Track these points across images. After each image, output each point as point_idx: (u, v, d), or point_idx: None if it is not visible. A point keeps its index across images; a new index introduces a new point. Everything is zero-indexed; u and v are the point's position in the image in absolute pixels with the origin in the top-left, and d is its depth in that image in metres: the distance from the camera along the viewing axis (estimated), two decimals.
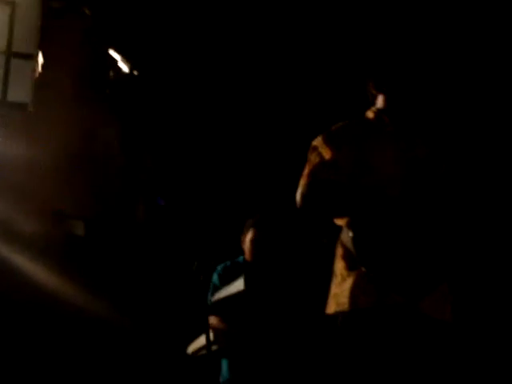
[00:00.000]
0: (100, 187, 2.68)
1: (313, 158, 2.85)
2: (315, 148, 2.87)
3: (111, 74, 2.29)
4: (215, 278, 4.58)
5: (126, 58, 2.21)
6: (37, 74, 2.82)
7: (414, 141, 2.93)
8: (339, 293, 2.75)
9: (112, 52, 2.21)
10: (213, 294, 4.41)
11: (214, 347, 4.08)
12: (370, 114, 3.00)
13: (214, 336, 4.12)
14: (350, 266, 2.73)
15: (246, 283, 4.05)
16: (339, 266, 2.80)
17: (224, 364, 4.43)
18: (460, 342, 2.92)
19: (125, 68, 2.16)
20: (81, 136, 2.73)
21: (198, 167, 5.38)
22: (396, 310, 2.64)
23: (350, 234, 2.68)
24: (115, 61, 2.20)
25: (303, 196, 2.77)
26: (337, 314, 2.76)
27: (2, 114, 2.53)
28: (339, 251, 2.81)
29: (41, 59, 2.79)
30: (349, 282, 2.72)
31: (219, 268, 4.62)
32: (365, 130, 2.91)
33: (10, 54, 1.75)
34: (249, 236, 4.62)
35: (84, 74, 2.77)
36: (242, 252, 4.71)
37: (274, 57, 5.34)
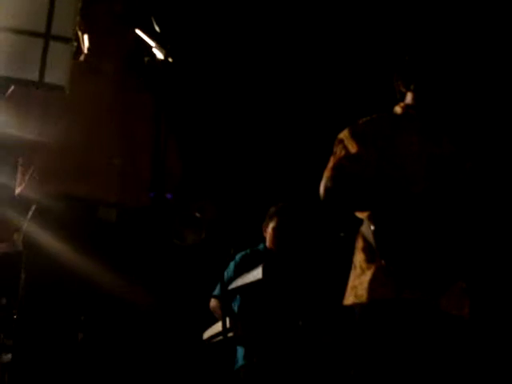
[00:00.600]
0: (133, 176, 2.71)
1: (338, 151, 2.87)
2: (341, 141, 2.89)
3: (146, 60, 2.32)
4: (231, 267, 4.61)
5: (161, 45, 2.24)
6: (80, 57, 2.85)
7: (441, 138, 2.95)
8: (358, 285, 2.78)
9: (146, 38, 2.25)
10: (226, 284, 4.43)
11: (230, 334, 4.11)
12: (397, 109, 3.02)
13: (231, 323, 4.16)
14: (370, 259, 2.76)
15: (265, 272, 4.08)
16: (359, 258, 2.83)
17: (240, 351, 4.48)
18: (477, 338, 2.94)
19: (159, 55, 2.19)
20: (118, 123, 2.76)
21: (224, 155, 5.42)
22: (414, 304, 2.67)
23: (372, 227, 2.70)
24: (150, 47, 2.23)
25: (327, 189, 2.80)
26: (354, 306, 2.80)
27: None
28: (359, 244, 2.84)
29: (86, 42, 2.82)
30: (368, 275, 2.75)
31: (237, 257, 4.67)
32: (391, 125, 2.93)
33: (49, 37, 1.78)
34: (272, 224, 4.67)
35: (123, 60, 2.80)
36: (263, 240, 4.76)
37: (301, 51, 5.36)
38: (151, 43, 2.37)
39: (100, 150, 2.68)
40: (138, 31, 2.40)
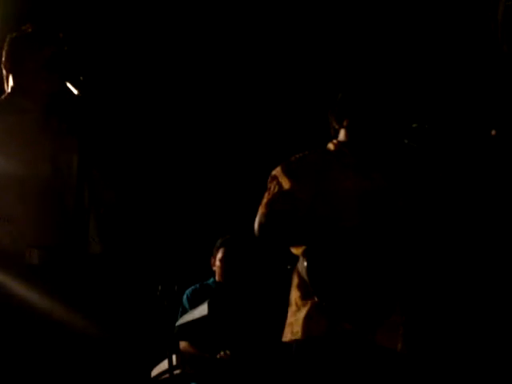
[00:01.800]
0: (57, 215, 2.71)
1: (272, 188, 2.90)
2: (274, 177, 2.92)
3: (66, 97, 2.38)
4: (184, 300, 4.62)
5: (74, 82, 2.33)
6: (2, 96, 2.88)
7: (373, 174, 2.98)
8: (294, 322, 2.80)
9: (69, 84, 2.32)
10: (180, 318, 4.44)
11: (177, 371, 4.10)
12: (330, 146, 3.06)
13: (179, 360, 4.14)
14: (305, 296, 2.78)
15: (210, 307, 4.08)
16: (295, 295, 2.84)
17: None
18: (413, 372, 2.96)
19: (74, 91, 2.27)
20: (42, 161, 2.77)
21: (160, 190, 5.41)
22: (347, 339, 2.68)
23: (305, 263, 2.73)
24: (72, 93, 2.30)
25: (260, 225, 2.82)
26: (291, 342, 2.81)
27: None
28: (295, 280, 2.86)
29: (11, 82, 2.86)
30: (303, 311, 2.77)
31: (188, 292, 4.67)
32: (324, 161, 2.96)
33: None
34: (219, 255, 4.70)
35: (49, 104, 2.83)
36: (211, 275, 4.76)
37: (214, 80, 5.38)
38: (74, 91, 2.41)
39: (23, 188, 2.69)
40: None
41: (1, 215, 2.65)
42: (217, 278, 4.72)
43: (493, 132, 2.84)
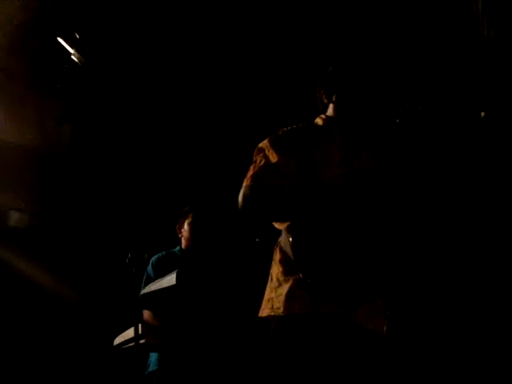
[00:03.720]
0: (45, 182, 2.62)
1: (258, 161, 2.83)
2: (261, 150, 2.85)
3: (64, 66, 2.24)
4: (149, 269, 4.53)
5: (78, 51, 2.17)
6: None
7: (361, 151, 2.94)
8: (274, 297, 2.74)
9: (65, 44, 2.17)
10: (146, 286, 4.36)
11: (142, 341, 4.02)
12: (319, 121, 3.00)
13: (143, 329, 4.07)
14: (287, 272, 2.73)
15: (179, 278, 4.00)
16: (276, 270, 2.79)
17: (153, 355, 4.39)
18: (393, 353, 2.95)
19: (77, 61, 2.12)
20: (30, 129, 2.66)
21: (134, 160, 5.31)
22: (329, 318, 2.65)
23: (290, 238, 2.67)
24: (68, 53, 2.15)
25: (245, 198, 2.75)
26: (270, 318, 2.76)
27: None
28: (277, 256, 2.80)
29: None
30: (285, 287, 2.71)
31: (153, 259, 4.58)
32: (312, 136, 2.90)
33: None
34: (188, 220, 4.62)
35: (35, 66, 2.70)
36: (177, 244, 4.69)
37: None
38: (70, 50, 2.29)
39: (11, 155, 2.59)
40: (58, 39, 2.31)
41: None
42: (183, 244, 4.65)
43: (482, 114, 2.82)
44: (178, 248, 4.66)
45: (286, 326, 2.69)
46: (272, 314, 2.73)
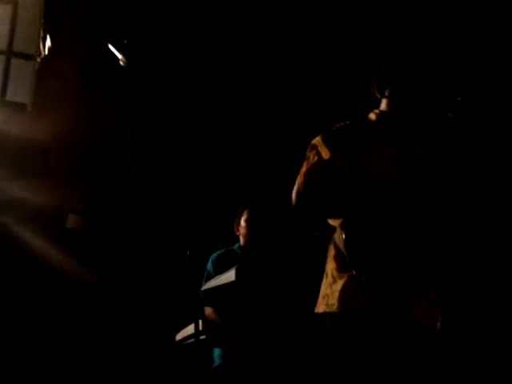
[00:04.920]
0: (102, 181, 2.67)
1: (311, 157, 2.83)
2: (314, 147, 2.86)
3: (114, 67, 2.29)
4: (209, 266, 4.58)
5: (125, 53, 2.22)
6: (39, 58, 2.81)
7: (414, 145, 2.92)
8: (329, 293, 2.75)
9: (112, 47, 2.22)
10: (206, 283, 4.41)
11: (203, 337, 4.07)
12: (372, 116, 2.99)
13: (204, 325, 4.12)
14: (342, 268, 2.73)
15: (238, 274, 4.04)
16: (331, 266, 2.79)
17: (216, 350, 4.44)
18: (449, 348, 2.92)
19: (124, 62, 2.17)
20: (84, 129, 2.72)
21: (192, 158, 5.36)
22: (384, 314, 2.64)
23: (343, 235, 2.67)
24: (116, 56, 2.21)
25: (298, 195, 2.76)
26: (325, 314, 2.76)
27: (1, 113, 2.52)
28: (331, 252, 2.81)
29: (48, 44, 2.78)
30: (339, 284, 2.72)
31: (213, 257, 4.62)
32: (365, 131, 2.89)
33: (11, 54, 1.74)
34: (244, 216, 4.65)
35: (87, 67, 2.75)
36: (236, 241, 4.72)
37: (274, 55, 5.31)
38: (118, 55, 2.33)
39: (67, 156, 2.65)
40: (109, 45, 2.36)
41: None
42: (241, 242, 4.68)
43: None
44: (237, 245, 4.69)
45: (341, 323, 2.69)
46: (327, 310, 2.74)
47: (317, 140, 2.87)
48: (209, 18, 4.89)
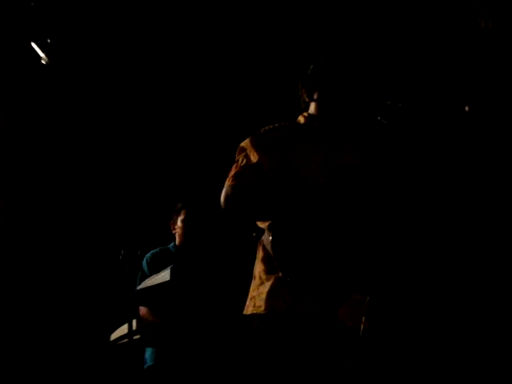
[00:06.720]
0: (34, 180, 2.64)
1: (240, 160, 2.86)
2: (243, 150, 2.88)
3: (32, 65, 2.26)
4: (144, 265, 4.57)
5: (46, 51, 2.19)
6: None
7: (342, 148, 2.95)
8: (256, 295, 2.77)
9: (34, 45, 2.19)
10: (141, 282, 4.40)
11: (137, 336, 4.07)
12: (301, 119, 3.02)
13: (138, 325, 4.11)
14: (269, 270, 2.75)
15: (173, 274, 4.04)
16: (259, 268, 2.82)
17: (148, 351, 4.44)
18: (375, 350, 2.96)
19: (45, 60, 2.15)
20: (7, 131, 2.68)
21: (128, 157, 5.33)
22: (310, 315, 2.67)
23: (270, 237, 2.70)
24: (38, 55, 2.17)
25: (226, 198, 2.78)
26: (253, 316, 2.79)
27: None
28: (260, 254, 2.83)
29: None
30: (266, 286, 2.74)
31: (148, 256, 4.62)
32: (293, 134, 2.92)
33: None
34: (181, 217, 4.65)
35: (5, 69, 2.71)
36: (171, 240, 4.72)
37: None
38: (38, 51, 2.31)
39: None
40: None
41: None
42: (177, 241, 4.69)
43: (466, 108, 2.82)
44: (172, 244, 4.70)
45: (267, 325, 2.71)
46: (255, 312, 2.77)
47: (245, 143, 2.89)
48: (139, 17, 4.87)
